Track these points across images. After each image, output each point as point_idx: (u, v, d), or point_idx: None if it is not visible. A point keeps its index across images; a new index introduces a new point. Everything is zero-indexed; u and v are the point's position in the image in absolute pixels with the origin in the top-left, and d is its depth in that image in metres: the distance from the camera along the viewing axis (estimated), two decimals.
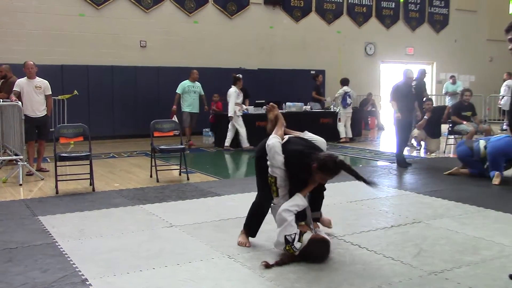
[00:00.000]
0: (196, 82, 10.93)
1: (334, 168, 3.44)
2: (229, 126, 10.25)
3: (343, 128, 11.63)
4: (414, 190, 6.17)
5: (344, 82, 11.81)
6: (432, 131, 9.53)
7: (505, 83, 14.79)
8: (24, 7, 11.44)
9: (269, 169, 3.65)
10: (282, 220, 3.53)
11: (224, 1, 13.83)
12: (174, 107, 10.62)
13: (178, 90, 10.76)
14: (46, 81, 7.48)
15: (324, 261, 3.57)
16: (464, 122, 9.20)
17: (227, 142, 10.29)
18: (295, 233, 3.49)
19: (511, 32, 3.08)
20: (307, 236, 3.55)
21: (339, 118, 11.67)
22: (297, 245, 3.50)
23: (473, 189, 6.18)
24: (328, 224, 4.22)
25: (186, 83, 10.84)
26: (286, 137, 3.82)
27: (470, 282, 3.22)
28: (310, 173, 3.53)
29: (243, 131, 10.22)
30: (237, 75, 10.67)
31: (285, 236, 3.50)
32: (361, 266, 3.51)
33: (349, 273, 3.37)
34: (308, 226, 3.71)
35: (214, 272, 3.41)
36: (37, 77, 7.42)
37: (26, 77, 7.35)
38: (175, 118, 9.85)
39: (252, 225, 3.96)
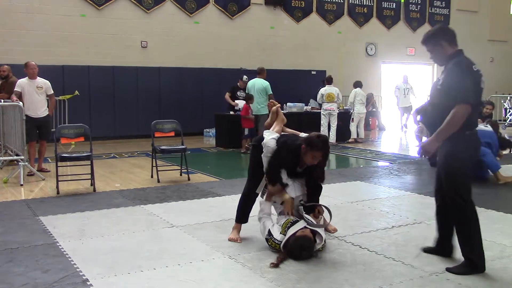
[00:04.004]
0: None
1: (318, 142, 3.72)
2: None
3: (355, 128, 11.69)
4: (415, 190, 6.16)
5: (357, 84, 11.90)
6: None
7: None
8: (25, 7, 11.45)
9: (264, 167, 3.90)
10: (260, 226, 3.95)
11: (225, 1, 13.83)
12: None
13: (270, 90, 9.60)
14: (48, 81, 7.48)
15: (307, 256, 3.60)
16: None
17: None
18: (269, 229, 3.79)
19: None
20: (291, 231, 3.64)
21: (352, 118, 11.73)
22: (279, 237, 3.70)
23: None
24: (332, 231, 4.27)
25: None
26: (282, 134, 4.13)
27: (471, 282, 3.22)
28: (298, 158, 3.79)
29: None
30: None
31: (265, 238, 3.83)
32: (362, 266, 3.51)
33: (350, 273, 3.37)
34: (292, 211, 3.85)
35: (215, 273, 3.42)
36: (39, 78, 7.42)
37: (27, 77, 7.35)
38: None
39: (242, 213, 4.15)
